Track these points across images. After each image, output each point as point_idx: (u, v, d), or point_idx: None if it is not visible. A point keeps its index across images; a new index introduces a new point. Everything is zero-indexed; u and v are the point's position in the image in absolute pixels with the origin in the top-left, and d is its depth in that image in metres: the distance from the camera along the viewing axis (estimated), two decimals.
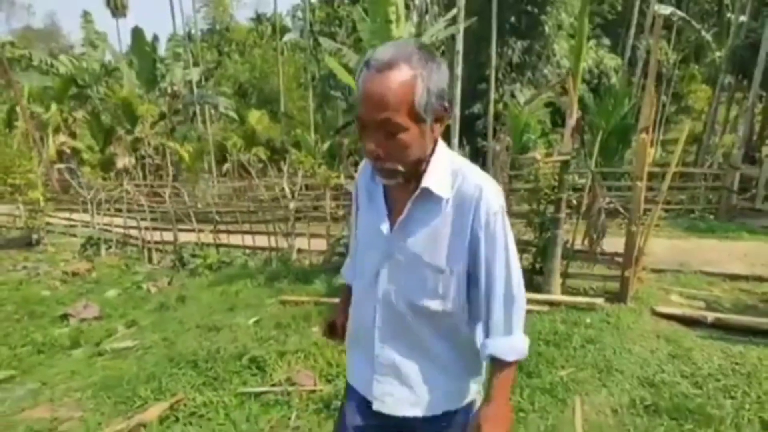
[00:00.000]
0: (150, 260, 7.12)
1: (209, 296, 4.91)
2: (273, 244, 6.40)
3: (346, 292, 1.35)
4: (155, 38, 16.34)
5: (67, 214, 9.08)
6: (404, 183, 1.01)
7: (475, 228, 0.98)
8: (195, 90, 15.96)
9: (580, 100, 10.50)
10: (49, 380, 3.20)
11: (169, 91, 16.10)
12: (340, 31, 20.59)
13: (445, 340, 1.08)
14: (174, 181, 12.04)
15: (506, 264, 1.01)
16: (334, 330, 1.34)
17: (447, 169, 1.01)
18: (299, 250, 6.22)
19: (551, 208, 4.50)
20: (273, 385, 2.79)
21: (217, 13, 39.32)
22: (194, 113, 17.92)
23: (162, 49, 17.70)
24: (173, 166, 14.89)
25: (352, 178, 10.19)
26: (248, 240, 6.84)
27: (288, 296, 4.43)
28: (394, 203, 1.06)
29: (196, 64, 17.37)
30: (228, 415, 2.53)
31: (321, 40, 9.45)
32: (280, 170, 12.25)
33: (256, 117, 14.69)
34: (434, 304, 1.03)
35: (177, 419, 2.49)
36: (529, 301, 3.93)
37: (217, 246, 6.68)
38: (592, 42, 17.49)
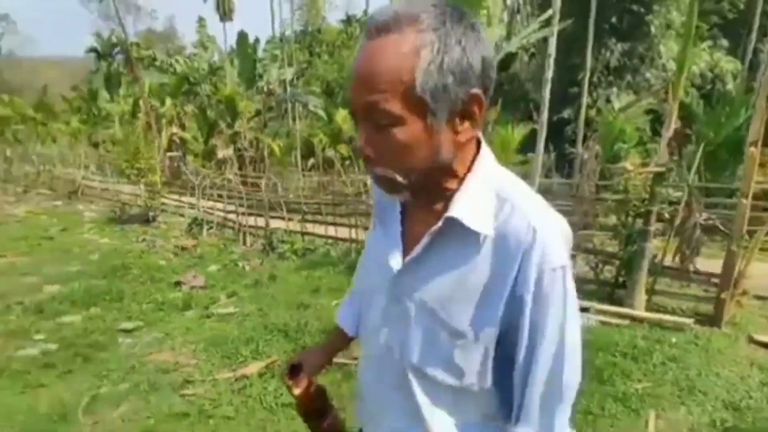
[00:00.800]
0: (244, 242, 7.90)
1: (296, 278, 5.41)
2: (353, 236, 6.81)
3: (333, 334, 1.07)
4: (256, 41, 17.82)
5: (177, 197, 10.34)
6: (427, 203, 0.74)
7: (520, 286, 0.68)
8: (288, 89, 17.17)
9: (688, 107, 9.70)
10: (169, 332, 3.81)
11: (265, 89, 17.48)
12: None
13: (457, 425, 0.78)
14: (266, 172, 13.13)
15: (558, 345, 0.68)
16: (295, 374, 0.95)
17: (490, 194, 0.71)
18: None
19: (640, 221, 4.34)
20: (354, 359, 3.09)
21: (311, 16, 41.60)
22: (285, 110, 19.25)
23: (260, 51, 19.22)
24: (265, 159, 16.18)
25: None
26: (331, 231, 7.34)
27: None
28: (412, 230, 0.77)
29: (290, 65, 18.64)
30: None
31: None
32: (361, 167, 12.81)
33: (342, 115, 15.44)
34: (448, 378, 0.74)
35: (272, 376, 2.89)
36: (608, 314, 3.85)
37: (303, 234, 7.24)
38: (706, 43, 15.92)
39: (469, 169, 0.72)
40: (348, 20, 33.49)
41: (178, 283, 5.23)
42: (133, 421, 2.52)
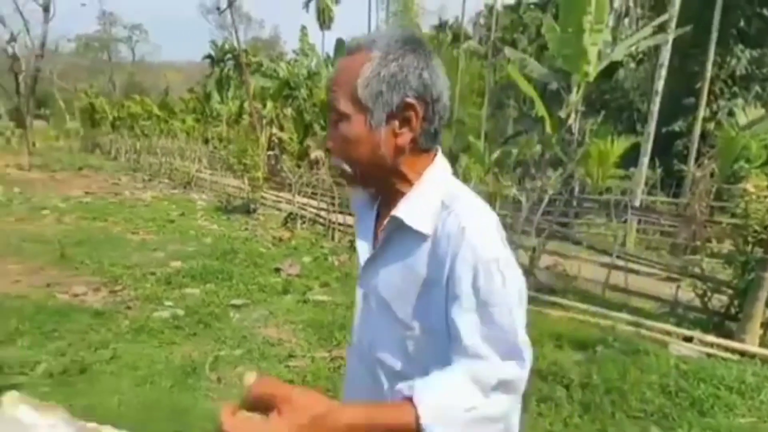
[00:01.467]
0: (332, 238, 8.42)
1: None
2: None
3: None
4: None
5: (275, 192, 11.28)
6: (389, 205, 0.82)
7: (456, 282, 0.72)
8: None
9: None
10: (272, 312, 4.27)
11: None
12: (523, 38, 20.28)
13: None
14: None
15: (497, 330, 0.70)
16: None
17: (434, 199, 0.78)
18: None
19: (760, 249, 3.97)
20: None
21: (404, 23, 42.52)
22: None
23: None
24: None
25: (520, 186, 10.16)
26: None
27: None
28: (379, 231, 0.86)
29: None
30: None
31: (506, 50, 9.61)
32: None
33: None
34: (406, 370, 0.78)
35: None
36: (715, 346, 3.59)
37: None
38: None
39: (422, 176, 0.81)
40: (440, 26, 33.67)
41: (277, 270, 5.78)
42: None
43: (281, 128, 19.33)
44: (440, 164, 0.84)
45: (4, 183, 10.86)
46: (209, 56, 33.29)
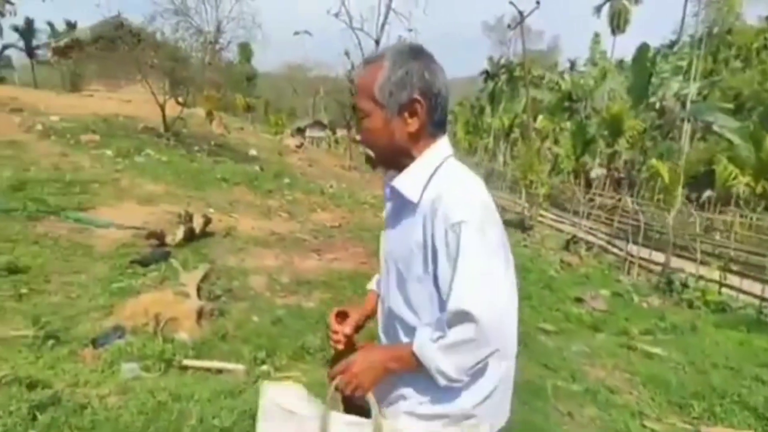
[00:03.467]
0: (628, 272, 7.37)
1: (722, 338, 4.51)
2: None
3: (368, 298, 1.26)
4: (657, 52, 16.16)
5: (557, 211, 10.82)
6: None
7: (433, 242, 0.91)
8: (688, 104, 14.76)
9: None
10: (592, 349, 3.91)
11: (657, 106, 15.69)
12: None
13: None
14: (634, 198, 11.83)
15: (468, 285, 0.87)
16: (341, 320, 1.18)
17: (425, 172, 0.96)
18: None
19: None
20: None
21: (719, 15, 34.25)
22: (669, 130, 16.72)
23: (659, 62, 17.31)
24: (642, 184, 14.64)
25: None
26: (755, 288, 5.79)
27: None
28: None
29: (695, 78, 15.95)
30: None
31: None
32: None
33: None
34: (409, 317, 1.00)
35: None
36: None
37: (721, 285, 6.02)
38: None
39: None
40: None
41: (579, 300, 5.37)
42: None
43: (556, 143, 18.50)
44: (441, 145, 1.00)
45: (335, 179, 14.06)
46: (485, 71, 35.13)
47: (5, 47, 29.64)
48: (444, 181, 0.94)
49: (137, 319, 3.27)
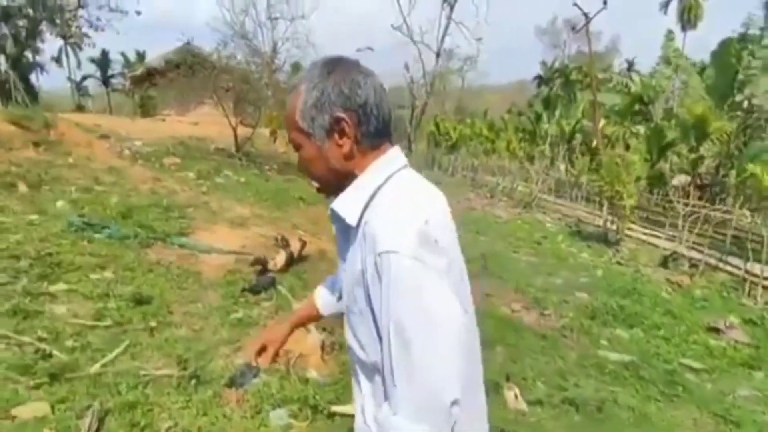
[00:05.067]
0: (749, 294, 6.58)
1: None
2: None
3: (305, 305, 1.34)
4: (743, 47, 14.85)
5: (649, 225, 10.02)
6: None
7: (366, 269, 0.82)
8: None
9: None
10: (761, 391, 3.39)
11: (745, 105, 14.38)
12: None
13: (371, 398, 0.92)
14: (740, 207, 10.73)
15: (400, 327, 0.77)
16: (259, 354, 1.23)
17: (365, 191, 0.88)
18: None
19: None
20: None
21: None
22: (766, 130, 15.22)
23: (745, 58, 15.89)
24: (730, 191, 13.39)
25: None
26: None
27: None
28: None
29: None
30: None
31: None
32: None
33: None
34: (360, 352, 0.92)
35: None
36: None
37: None
38: None
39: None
40: None
41: (714, 329, 4.78)
42: None
43: (627, 148, 17.43)
44: (387, 158, 0.91)
45: None
46: (538, 76, 34.16)
47: (84, 78, 32.28)
48: (381, 201, 0.86)
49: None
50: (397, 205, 0.84)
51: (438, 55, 14.75)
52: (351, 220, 0.88)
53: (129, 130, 12.61)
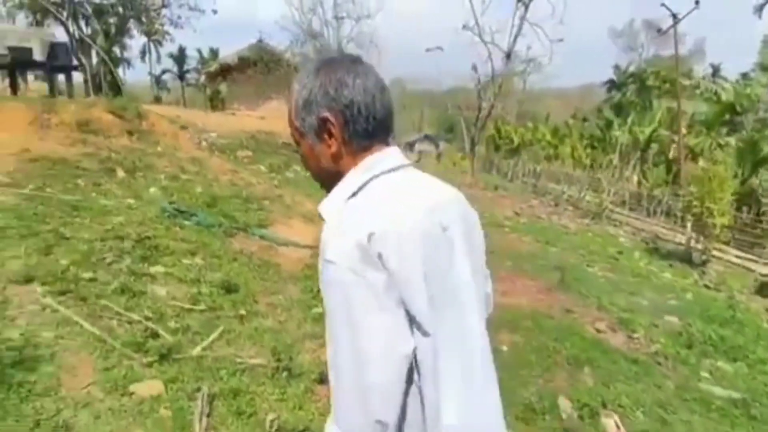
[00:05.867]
0: None
1: None
2: None
3: None
4: None
5: (743, 247, 9.17)
6: None
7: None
8: None
9: None
10: None
11: None
12: None
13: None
14: None
15: (334, 339, 0.79)
16: None
17: (344, 193, 0.87)
18: None
19: None
20: None
21: None
22: None
23: None
24: None
25: None
26: None
27: None
28: None
29: None
30: None
31: None
32: None
33: None
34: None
35: None
36: None
37: None
38: None
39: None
40: None
41: None
42: None
43: (713, 162, 16.05)
44: (371, 159, 0.88)
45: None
46: (610, 81, 32.29)
47: (163, 72, 34.68)
48: (349, 207, 0.84)
49: None
50: (354, 213, 0.82)
51: (508, 56, 14.27)
52: (330, 221, 0.84)
53: (204, 123, 13.29)
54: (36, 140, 6.40)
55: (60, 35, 21.69)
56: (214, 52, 33.39)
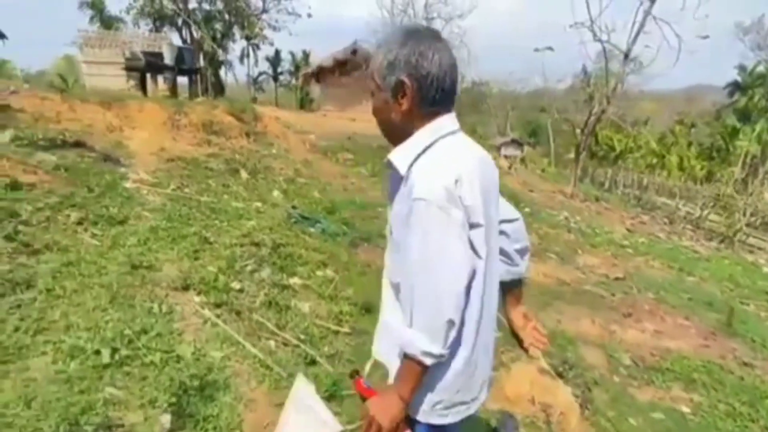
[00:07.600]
0: None
1: None
2: None
3: None
4: None
5: None
6: None
7: (405, 212, 1.04)
8: None
9: None
10: None
11: None
12: None
13: (392, 309, 1.20)
14: None
15: (421, 259, 1.01)
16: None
17: (415, 148, 1.07)
18: None
19: None
20: None
21: None
22: None
23: None
24: None
25: None
26: None
27: None
28: None
29: None
30: None
31: None
32: None
33: None
34: (388, 271, 1.22)
35: None
36: None
37: None
38: None
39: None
40: None
41: None
42: None
43: None
44: (439, 123, 1.09)
45: (563, 209, 12.57)
46: (733, 83, 28.43)
47: (260, 74, 36.73)
48: (426, 158, 1.05)
49: (523, 406, 2.73)
50: (435, 164, 1.04)
51: (626, 56, 12.91)
52: (401, 168, 1.08)
53: (301, 124, 13.61)
54: (169, 140, 6.77)
55: (174, 40, 23.77)
56: (306, 55, 34.70)
